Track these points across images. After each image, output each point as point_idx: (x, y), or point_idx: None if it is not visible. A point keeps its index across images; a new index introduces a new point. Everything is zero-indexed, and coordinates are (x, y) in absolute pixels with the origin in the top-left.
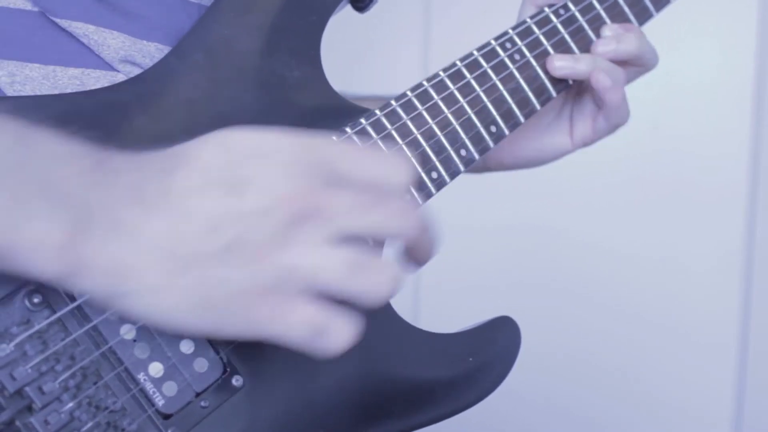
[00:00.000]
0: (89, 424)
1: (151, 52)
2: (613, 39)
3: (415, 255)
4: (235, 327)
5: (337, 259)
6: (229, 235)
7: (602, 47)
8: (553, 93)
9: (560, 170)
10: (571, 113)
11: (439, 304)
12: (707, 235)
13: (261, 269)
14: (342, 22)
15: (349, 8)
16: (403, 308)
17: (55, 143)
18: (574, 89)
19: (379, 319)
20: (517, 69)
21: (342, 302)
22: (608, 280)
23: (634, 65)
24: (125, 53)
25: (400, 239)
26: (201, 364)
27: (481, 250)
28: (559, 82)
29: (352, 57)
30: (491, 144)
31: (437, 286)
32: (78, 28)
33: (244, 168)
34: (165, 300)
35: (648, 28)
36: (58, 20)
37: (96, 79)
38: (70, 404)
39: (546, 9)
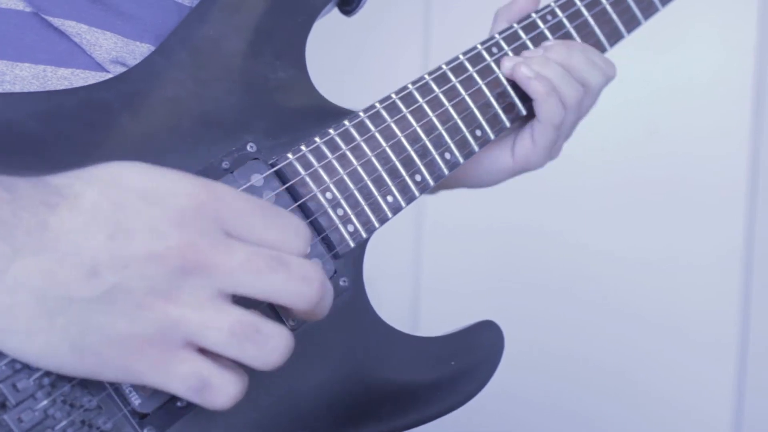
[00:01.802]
0: (63, 422)
1: (143, 54)
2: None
3: (302, 316)
4: (114, 374)
5: (223, 322)
6: (110, 282)
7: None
8: None
9: (560, 171)
10: (517, 130)
11: (438, 306)
12: (707, 235)
13: (142, 319)
14: (341, 23)
15: (337, 12)
16: (402, 310)
17: None
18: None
19: (362, 322)
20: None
21: None
22: (609, 280)
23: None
24: (117, 54)
25: (293, 307)
26: None
27: (481, 252)
28: None
29: (352, 58)
30: (476, 148)
31: (437, 287)
32: (71, 27)
33: (134, 211)
34: (35, 342)
35: (649, 28)
36: (51, 19)
37: (86, 80)
38: (45, 402)
39: (533, 14)
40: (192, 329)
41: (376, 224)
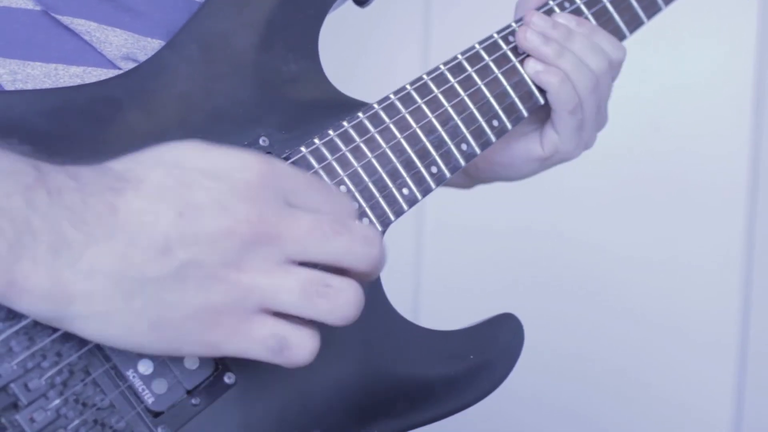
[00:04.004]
0: (76, 422)
1: (154, 50)
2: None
3: (359, 277)
4: (193, 347)
5: (293, 282)
6: (182, 258)
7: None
8: None
9: (561, 170)
10: (543, 121)
11: (438, 305)
12: (707, 235)
13: (215, 292)
14: (342, 21)
15: (349, 3)
16: (402, 309)
17: None
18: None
19: (378, 317)
20: (520, 62)
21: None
22: (609, 280)
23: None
24: (127, 50)
25: (356, 268)
26: (192, 362)
27: (482, 250)
28: None
29: (352, 57)
30: (493, 138)
31: (437, 287)
32: (80, 25)
33: (199, 189)
34: (115, 324)
35: (649, 27)
36: (60, 17)
37: (98, 77)
38: (57, 401)
39: (551, 2)
40: (265, 294)
41: (392, 217)
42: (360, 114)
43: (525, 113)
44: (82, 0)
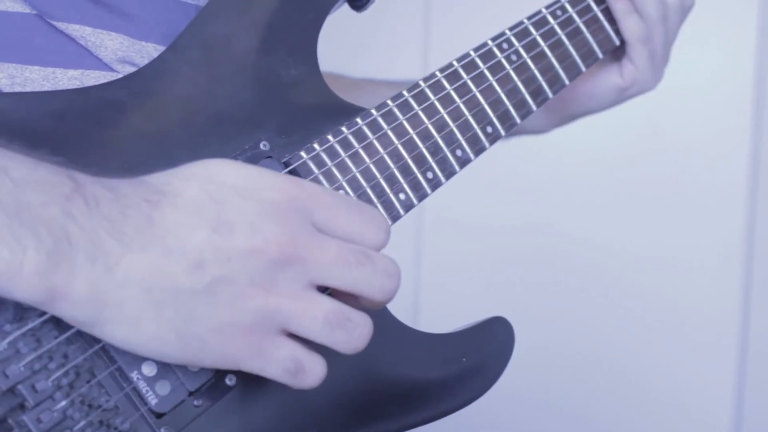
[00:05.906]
0: (82, 423)
1: (149, 53)
2: None
3: (369, 306)
4: (213, 360)
5: (318, 311)
6: (213, 274)
7: None
8: (550, 95)
9: (561, 169)
10: (621, 57)
11: (439, 303)
12: (707, 235)
13: (243, 309)
14: (342, 22)
15: (346, 7)
16: (402, 306)
17: (29, 167)
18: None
19: (374, 320)
20: (514, 70)
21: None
22: (609, 280)
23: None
24: (123, 54)
25: (372, 298)
26: None
27: (482, 249)
28: (555, 83)
29: (352, 57)
30: (487, 145)
31: (437, 284)
32: (75, 30)
33: (233, 206)
34: (143, 331)
35: None
36: (55, 23)
37: (96, 80)
38: (63, 402)
39: (543, 10)
40: (289, 318)
41: (389, 222)
42: (359, 120)
43: (518, 120)
44: (77, 5)
